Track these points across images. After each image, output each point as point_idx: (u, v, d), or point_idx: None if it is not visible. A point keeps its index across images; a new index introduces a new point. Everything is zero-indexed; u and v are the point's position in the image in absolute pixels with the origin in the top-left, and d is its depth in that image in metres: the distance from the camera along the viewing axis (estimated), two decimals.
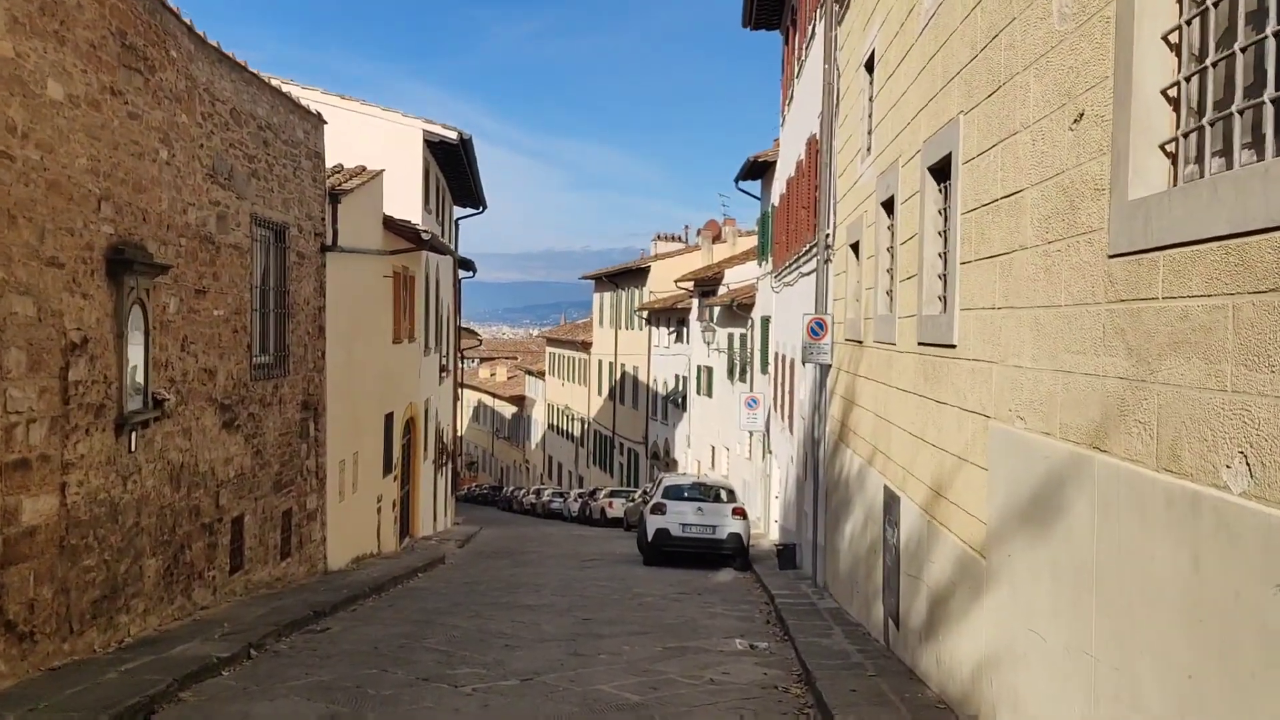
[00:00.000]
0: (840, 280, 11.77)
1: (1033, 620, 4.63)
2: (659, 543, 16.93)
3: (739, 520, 16.90)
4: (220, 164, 10.10)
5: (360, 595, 11.66)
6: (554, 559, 18.69)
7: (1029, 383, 4.78)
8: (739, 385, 27.66)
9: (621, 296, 44.40)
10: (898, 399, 7.92)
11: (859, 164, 10.34)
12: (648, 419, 39.71)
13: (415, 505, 21.30)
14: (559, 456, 53.81)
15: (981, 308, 5.59)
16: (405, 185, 20.77)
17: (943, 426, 6.41)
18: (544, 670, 7.58)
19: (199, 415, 9.63)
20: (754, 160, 23.61)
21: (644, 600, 12.00)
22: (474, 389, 75.31)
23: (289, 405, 12.23)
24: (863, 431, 9.65)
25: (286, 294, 12.12)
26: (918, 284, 7.14)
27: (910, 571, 7.27)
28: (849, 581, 10.26)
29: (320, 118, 13.44)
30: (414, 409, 20.57)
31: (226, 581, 10.34)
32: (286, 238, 12.09)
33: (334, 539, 14.10)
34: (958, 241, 6.07)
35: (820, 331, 12.13)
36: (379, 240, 16.68)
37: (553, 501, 42.77)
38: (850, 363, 10.60)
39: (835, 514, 11.31)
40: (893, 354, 8.17)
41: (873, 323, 9.16)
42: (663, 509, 17.07)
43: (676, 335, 36.77)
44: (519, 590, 12.87)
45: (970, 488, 5.77)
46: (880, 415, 8.70)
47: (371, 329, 16.39)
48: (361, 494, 15.79)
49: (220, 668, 7.29)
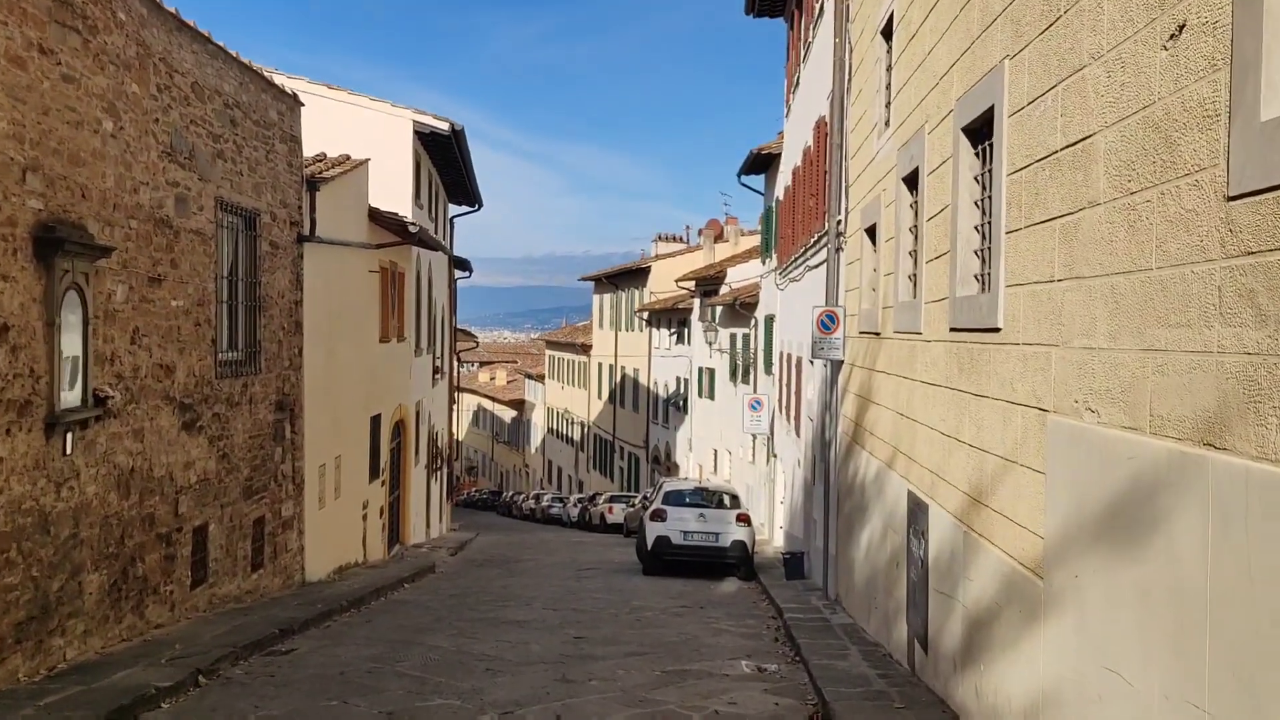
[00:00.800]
0: (853, 270, 10.92)
1: (1112, 657, 3.77)
2: (659, 551, 16.04)
3: (743, 527, 16.02)
4: (179, 141, 9.27)
5: (336, 610, 10.81)
6: (549, 568, 17.82)
7: (1103, 367, 3.93)
8: (742, 387, 26.81)
9: (621, 298, 43.56)
10: (924, 394, 7.06)
11: (875, 141, 9.49)
12: (648, 422, 38.85)
13: (406, 511, 20.44)
14: (559, 461, 52.96)
15: (1035, 282, 4.74)
16: (394, 178, 19.94)
17: (983, 423, 5.56)
18: (526, 701, 6.72)
19: (153, 415, 8.78)
20: (757, 153, 22.76)
21: (642, 615, 11.14)
22: (473, 393, 74.50)
23: (260, 405, 11.38)
24: (881, 431, 8.79)
25: (258, 286, 11.27)
26: (950, 263, 6.29)
27: (941, 589, 6.41)
28: (865, 595, 9.40)
29: (296, 99, 12.61)
30: (404, 411, 19.72)
31: (188, 596, 9.48)
32: (258, 225, 11.25)
33: (313, 548, 13.25)
34: (1002, 208, 5.22)
35: (831, 325, 11.28)
36: (364, 233, 15.84)
37: (552, 507, 42.07)
38: (865, 357, 9.74)
39: (849, 521, 10.45)
40: (917, 344, 7.32)
41: (892, 311, 8.31)
42: (663, 515, 16.18)
43: (678, 336, 35.92)
44: (509, 604, 12.01)
45: (1020, 494, 4.91)
46: (902, 413, 7.85)
47: (356, 326, 15.55)
48: (345, 500, 14.94)
49: (160, 699, 6.43)
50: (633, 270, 41.56)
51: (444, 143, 21.74)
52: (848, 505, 10.60)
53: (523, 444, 62.11)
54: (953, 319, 6.19)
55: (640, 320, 40.12)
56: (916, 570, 7.10)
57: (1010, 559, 5.03)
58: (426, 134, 20.67)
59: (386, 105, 20.34)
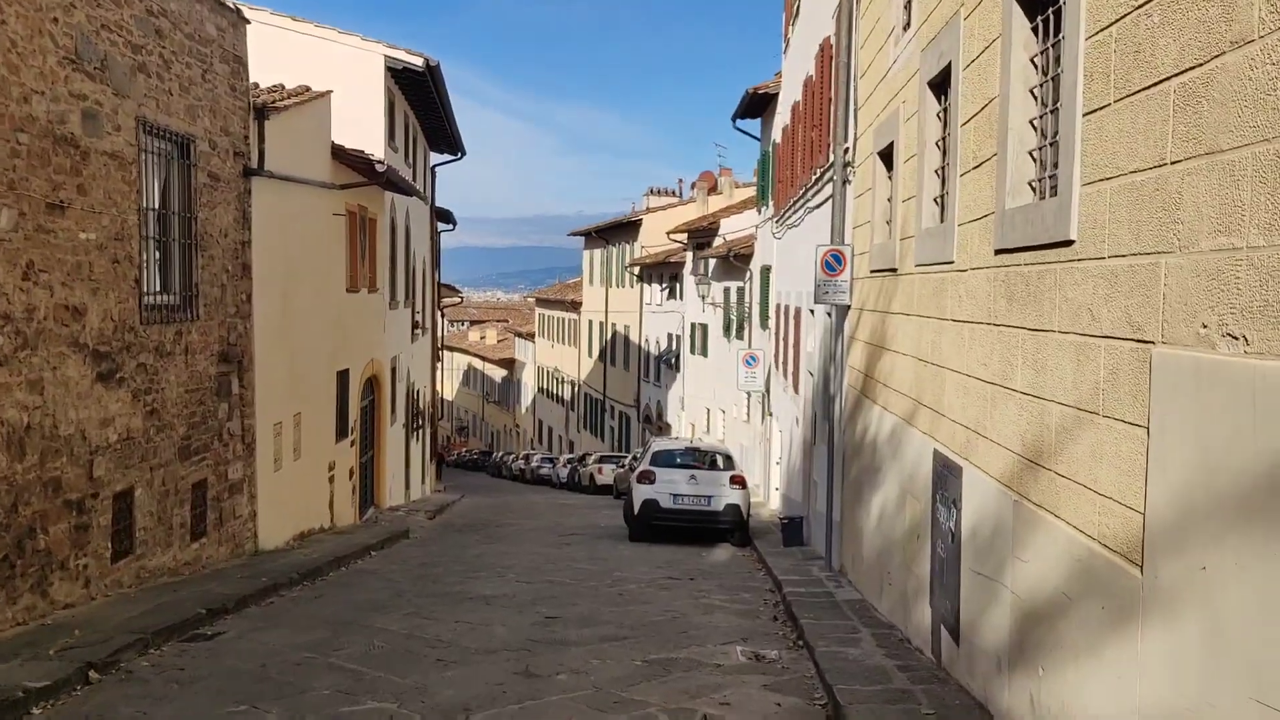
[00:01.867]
0: (862, 202, 9.70)
1: (1269, 688, 2.62)
2: (647, 516, 14.90)
3: (737, 490, 14.88)
4: (88, 48, 7.98)
5: (284, 583, 9.68)
6: (531, 533, 16.73)
7: (1256, 274, 2.75)
8: (736, 343, 25.63)
9: (612, 253, 42.23)
10: (956, 335, 5.88)
11: (891, 49, 8.23)
12: (639, 380, 37.71)
13: (380, 473, 19.30)
14: (549, 421, 51.90)
15: (1132, 172, 3.54)
16: (365, 118, 18.57)
17: (1044, 365, 4.38)
18: (477, 704, 5.57)
19: (57, 364, 7.57)
20: (753, 93, 21.39)
21: (625, 588, 10.02)
22: (463, 352, 73.27)
23: (200, 356, 10.18)
24: (897, 382, 7.62)
25: (194, 222, 10.03)
26: (996, 170, 5.08)
27: (981, 569, 5.27)
28: (877, 569, 8.28)
29: (240, 14, 11.27)
30: (377, 366, 18.51)
31: (107, 571, 8.33)
32: (193, 153, 9.98)
33: (268, 513, 12.11)
34: (1077, 85, 4.01)
35: (837, 265, 10.08)
36: (326, 172, 14.55)
37: (541, 467, 41.18)
38: (878, 299, 8.55)
39: (857, 484, 9.31)
40: (947, 276, 6.12)
41: (914, 242, 7.10)
42: (651, 477, 15.01)
43: (670, 292, 34.68)
44: (480, 575, 10.89)
45: (1102, 455, 3.75)
46: (926, 359, 6.67)
47: (319, 273, 14.30)
48: (307, 461, 13.78)
49: (30, 703, 5.28)
50: (623, 224, 40.17)
51: (419, 81, 20.34)
52: (855, 467, 9.46)
53: (513, 404, 61.02)
54: (1000, 238, 5.00)
55: (631, 276, 38.83)
56: (945, 545, 5.96)
57: (1087, 539, 3.88)
58: (399, 70, 19.28)
59: (356, 39, 18.93)
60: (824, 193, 12.39)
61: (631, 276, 38.80)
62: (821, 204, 12.87)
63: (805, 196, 14.50)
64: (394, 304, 20.52)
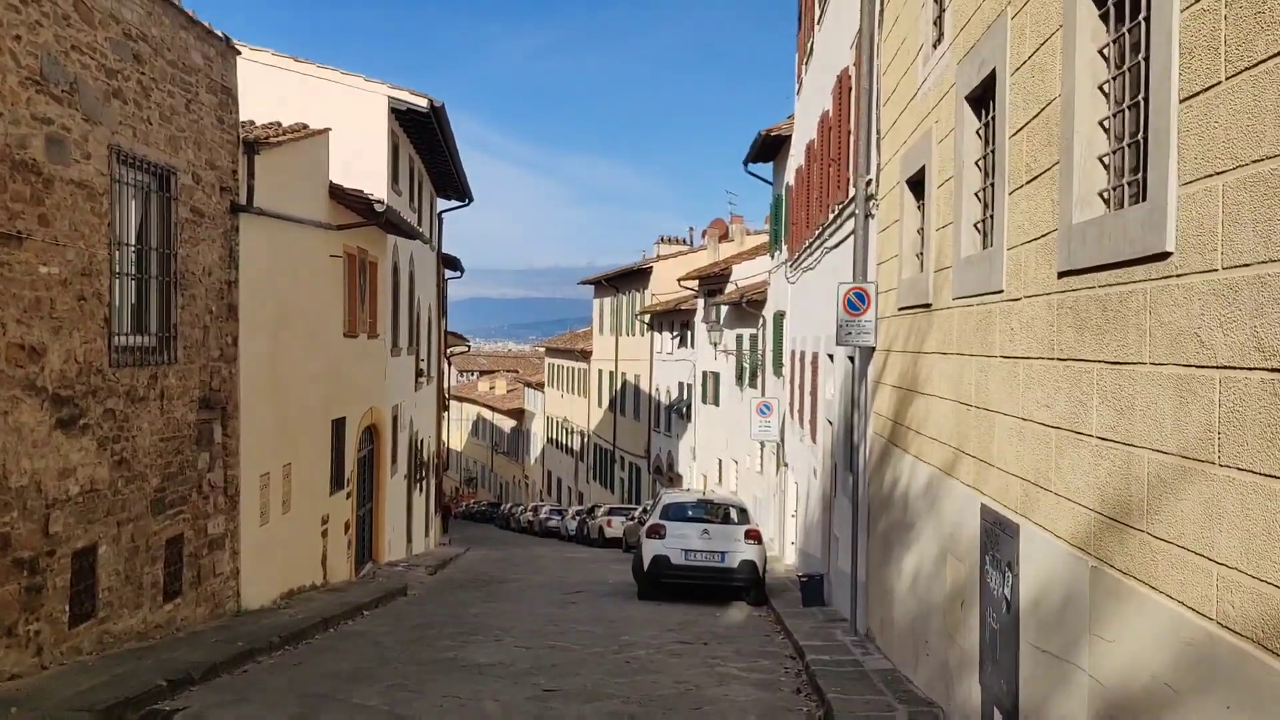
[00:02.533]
0: (888, 237, 9.04)
1: None
2: (657, 573, 14.06)
3: (753, 545, 14.05)
4: (55, 69, 7.41)
5: (261, 649, 8.91)
6: (535, 589, 15.90)
7: None
8: (749, 391, 24.90)
9: (622, 301, 41.67)
10: (1007, 373, 5.17)
11: (920, 68, 7.61)
12: (650, 430, 36.92)
13: (379, 526, 18.53)
14: (558, 472, 51.06)
15: (1256, 161, 2.85)
16: (368, 160, 18.12)
17: (1130, 404, 3.66)
18: None
19: (9, 408, 6.90)
20: (766, 136, 20.89)
21: (633, 655, 9.21)
22: (472, 402, 72.58)
23: (178, 402, 9.50)
24: (933, 429, 6.89)
25: (174, 258, 9.41)
26: (1059, 181, 4.40)
27: (1047, 646, 4.50)
28: (911, 636, 7.48)
29: (229, 43, 10.75)
30: (377, 415, 17.83)
31: (64, 637, 7.58)
32: (174, 186, 9.40)
33: (254, 570, 11.35)
34: (1172, 63, 3.33)
35: (861, 304, 9.39)
36: (323, 211, 13.99)
37: (550, 519, 40.41)
38: (909, 338, 7.84)
39: (886, 541, 8.53)
40: (996, 307, 5.42)
41: (952, 273, 6.41)
42: (661, 531, 14.20)
43: (680, 339, 34.03)
44: (476, 638, 10.10)
45: (1222, 514, 3.02)
46: (968, 403, 5.95)
47: (313, 317, 13.68)
48: (297, 514, 13.04)
49: None
50: (633, 271, 39.63)
51: (424, 123, 19.91)
52: (883, 521, 8.68)
53: (522, 455, 60.20)
54: (1065, 259, 4.30)
55: (641, 324, 38.21)
56: (998, 614, 5.19)
57: (1201, 618, 3.13)
58: (403, 111, 18.83)
59: (359, 79, 18.51)
60: (843, 230, 11.74)
61: (642, 325, 38.19)
62: (840, 243, 12.22)
63: (822, 237, 13.86)
64: (396, 351, 19.90)
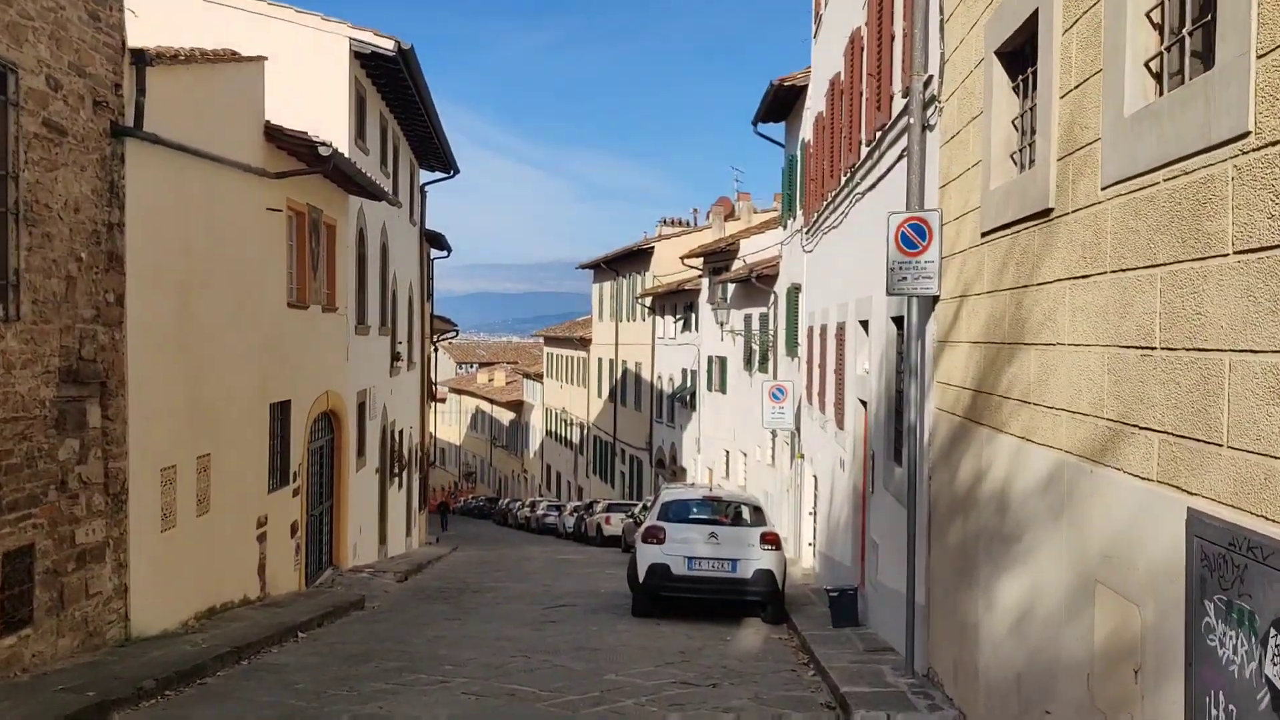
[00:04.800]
0: (959, 147, 6.73)
1: None
2: (654, 585, 11.73)
3: (770, 551, 11.72)
4: None
5: (125, 699, 6.67)
6: (514, 601, 13.64)
7: None
8: (759, 376, 22.60)
9: (622, 285, 39.35)
10: (1251, 284, 2.88)
11: None
12: (652, 421, 34.64)
13: (341, 527, 16.28)
14: (557, 465, 48.84)
15: None
16: (328, 111, 15.85)
17: None
18: None
19: None
20: (779, 86, 18.52)
21: (618, 706, 6.93)
22: (471, 394, 70.28)
23: (22, 373, 7.24)
24: (1059, 394, 4.60)
25: (13, 184, 7.14)
26: None
27: None
28: (1015, 696, 5.20)
29: None
30: (335, 401, 15.56)
31: None
32: (14, 88, 7.13)
33: (153, 587, 9.10)
34: None
35: (919, 240, 7.10)
36: (256, 154, 11.71)
37: (547, 515, 38.41)
38: (1002, 271, 5.55)
39: (964, 554, 6.25)
40: (1228, 167, 3.12)
41: (1108, 144, 4.11)
42: (659, 535, 11.87)
43: (684, 323, 31.72)
44: (418, 677, 7.83)
45: None
46: (1146, 345, 3.66)
47: (244, 280, 11.41)
48: (222, 515, 10.78)
49: None
50: (634, 253, 37.28)
51: (394, 74, 17.62)
52: (960, 528, 6.40)
53: (521, 448, 57.97)
54: None
55: (643, 308, 35.90)
56: (1241, 700, 2.91)
57: None
58: (368, 55, 16.52)
59: (316, 18, 16.21)
60: (885, 162, 9.45)
61: (643, 309, 35.89)
62: (878, 181, 9.94)
63: (852, 182, 11.57)
64: (364, 329, 17.62)
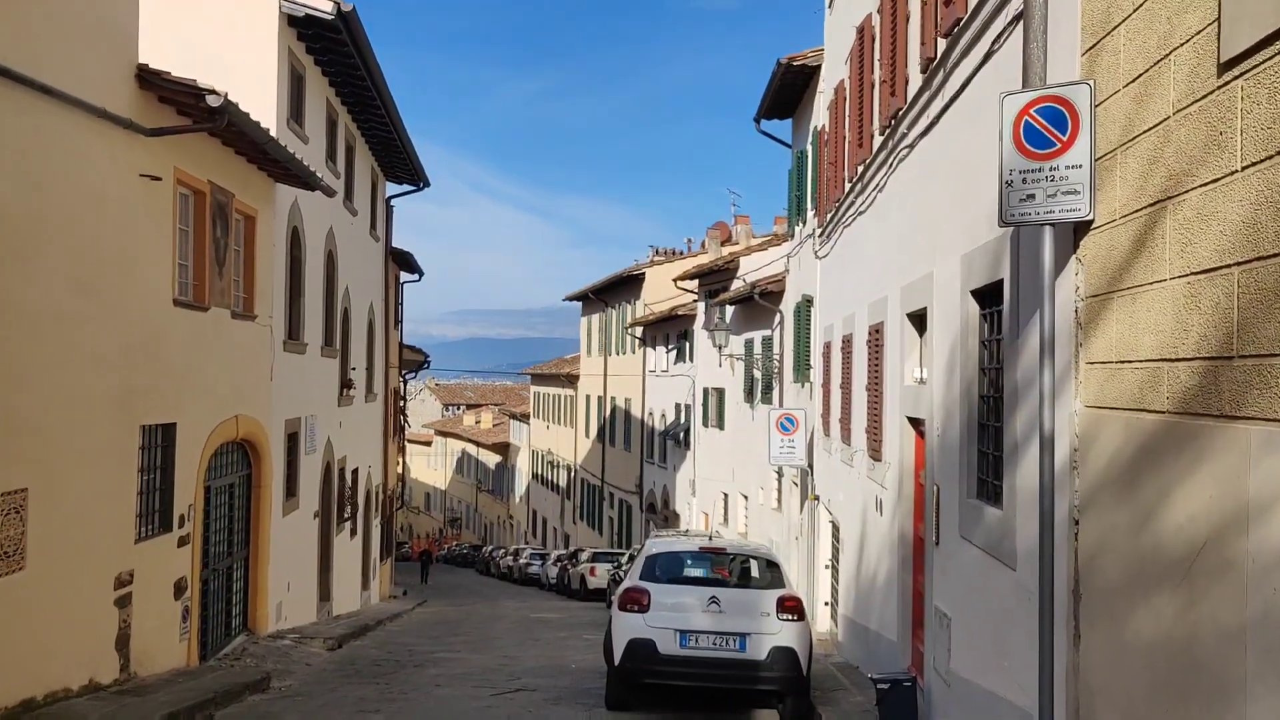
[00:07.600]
0: None
1: None
2: (635, 667, 8.67)
3: (790, 622, 8.75)
4: None
5: None
6: (458, 682, 10.71)
7: None
8: (762, 408, 19.81)
9: (611, 316, 36.63)
10: None
11: None
12: (642, 462, 31.74)
13: (258, 583, 13.34)
14: (544, 511, 45.86)
15: None
16: (254, 86, 13.19)
17: None
18: None
19: None
20: (787, 66, 15.88)
21: None
22: (456, 437, 67.28)
23: None
24: None
25: None
26: None
27: None
28: None
29: None
30: (252, 428, 12.71)
31: None
32: None
33: None
34: None
35: (1056, 134, 4.36)
36: (121, 101, 8.98)
37: (530, 565, 35.68)
38: None
39: (1192, 663, 3.41)
40: None
41: None
42: (642, 600, 8.88)
43: (677, 353, 28.96)
44: None
45: None
46: None
47: (99, 263, 8.63)
48: (47, 574, 7.90)
49: None
50: (624, 279, 34.57)
51: (342, 51, 14.99)
52: (1165, 611, 3.58)
53: (506, 493, 54.95)
54: None
55: (633, 338, 33.16)
56: None
57: None
58: (300, 18, 13.89)
59: None
60: (959, 75, 6.76)
61: (633, 340, 33.14)
62: (945, 108, 7.23)
63: (896, 136, 8.88)
64: (295, 345, 14.81)
